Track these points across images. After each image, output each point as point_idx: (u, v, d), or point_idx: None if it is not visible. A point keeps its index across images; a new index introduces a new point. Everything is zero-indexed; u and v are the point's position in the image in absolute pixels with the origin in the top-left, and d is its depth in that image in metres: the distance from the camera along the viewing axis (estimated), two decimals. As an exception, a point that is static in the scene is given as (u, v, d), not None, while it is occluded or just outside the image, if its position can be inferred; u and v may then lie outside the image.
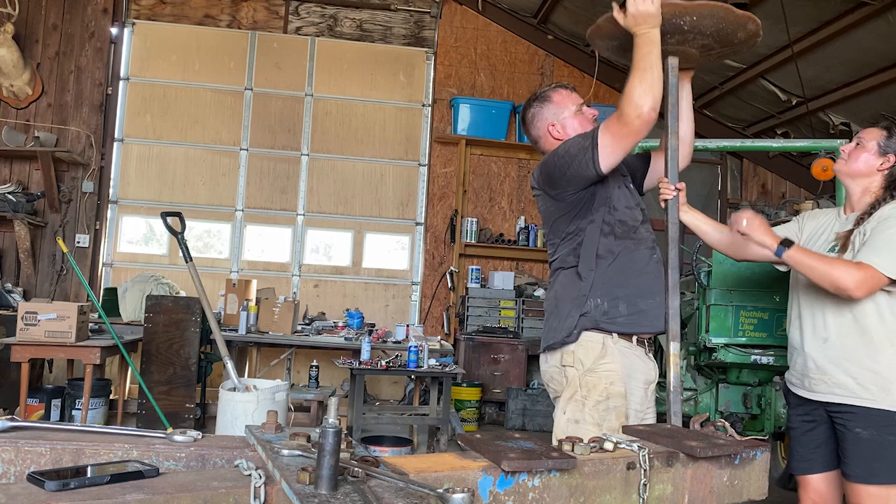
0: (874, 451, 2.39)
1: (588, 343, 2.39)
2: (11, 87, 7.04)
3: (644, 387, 2.46)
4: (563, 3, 7.13)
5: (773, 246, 2.48)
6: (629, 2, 2.27)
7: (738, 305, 3.96)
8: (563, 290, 2.47)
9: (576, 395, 2.38)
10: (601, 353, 2.38)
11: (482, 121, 7.63)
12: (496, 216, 7.88)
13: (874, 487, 2.39)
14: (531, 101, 2.64)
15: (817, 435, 2.60)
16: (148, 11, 7.61)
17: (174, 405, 5.41)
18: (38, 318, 4.86)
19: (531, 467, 1.48)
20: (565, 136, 2.53)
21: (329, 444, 1.22)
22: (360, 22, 7.89)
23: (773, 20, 5.51)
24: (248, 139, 7.69)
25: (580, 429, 2.31)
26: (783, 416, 4.25)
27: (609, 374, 2.36)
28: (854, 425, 2.43)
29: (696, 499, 1.70)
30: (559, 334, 2.43)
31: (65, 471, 1.32)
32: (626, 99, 2.23)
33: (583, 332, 2.39)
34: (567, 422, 2.37)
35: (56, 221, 7.19)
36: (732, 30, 2.36)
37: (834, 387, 2.49)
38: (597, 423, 2.33)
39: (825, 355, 2.52)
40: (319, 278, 7.74)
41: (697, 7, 2.29)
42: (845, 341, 2.48)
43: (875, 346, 2.43)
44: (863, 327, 2.45)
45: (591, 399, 2.35)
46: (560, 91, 2.60)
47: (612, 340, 2.39)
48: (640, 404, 2.45)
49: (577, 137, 2.41)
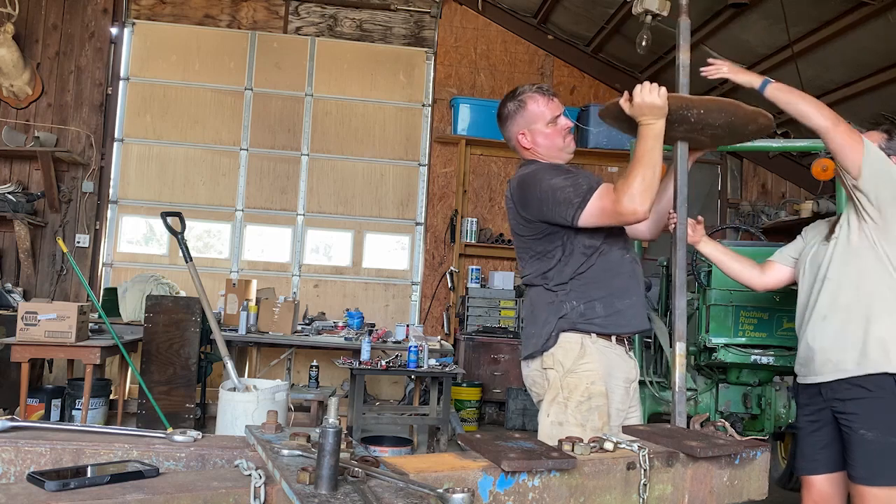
0: (878, 453, 2.40)
1: (567, 344, 2.40)
2: (11, 87, 7.04)
3: (625, 385, 2.47)
4: (563, 3, 7.12)
5: (758, 81, 2.55)
6: (635, 92, 2.27)
7: (738, 305, 3.96)
8: (539, 297, 2.49)
9: (558, 398, 2.39)
10: (580, 354, 2.39)
11: (482, 121, 7.62)
12: (496, 216, 7.88)
13: (878, 489, 2.40)
14: (507, 100, 2.59)
15: (823, 436, 2.60)
16: (148, 11, 7.61)
17: (174, 405, 5.41)
18: (38, 318, 4.86)
19: (531, 467, 1.48)
20: (534, 147, 2.52)
21: (329, 444, 1.22)
22: (360, 22, 7.89)
23: (773, 20, 5.51)
24: (248, 139, 7.69)
25: (564, 430, 2.32)
26: (783, 416, 4.25)
27: (589, 373, 2.38)
28: (858, 427, 2.44)
29: (696, 499, 1.70)
30: (539, 340, 2.44)
31: (65, 471, 1.32)
32: (627, 190, 2.21)
33: (561, 333, 2.40)
34: (551, 424, 2.38)
35: (56, 221, 7.19)
36: (743, 123, 2.32)
37: (836, 364, 2.52)
38: (580, 424, 2.34)
39: (824, 333, 2.56)
40: (319, 278, 7.74)
41: (705, 102, 2.26)
42: (843, 315, 2.52)
43: (874, 314, 2.46)
44: (855, 299, 2.50)
45: (573, 400, 2.37)
46: (537, 98, 2.52)
47: (590, 340, 2.40)
48: (622, 403, 2.46)
49: (570, 188, 2.32)
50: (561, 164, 2.52)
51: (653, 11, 4.07)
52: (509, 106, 2.56)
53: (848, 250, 2.54)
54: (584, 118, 7.74)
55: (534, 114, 2.51)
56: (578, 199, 2.29)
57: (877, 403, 2.42)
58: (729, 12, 5.56)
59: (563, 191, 2.32)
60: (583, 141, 7.78)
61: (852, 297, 2.51)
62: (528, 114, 2.52)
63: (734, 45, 6.11)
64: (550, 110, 2.51)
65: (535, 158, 2.54)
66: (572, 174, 2.40)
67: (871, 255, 2.49)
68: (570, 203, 2.30)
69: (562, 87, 7.99)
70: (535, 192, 2.39)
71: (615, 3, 6.50)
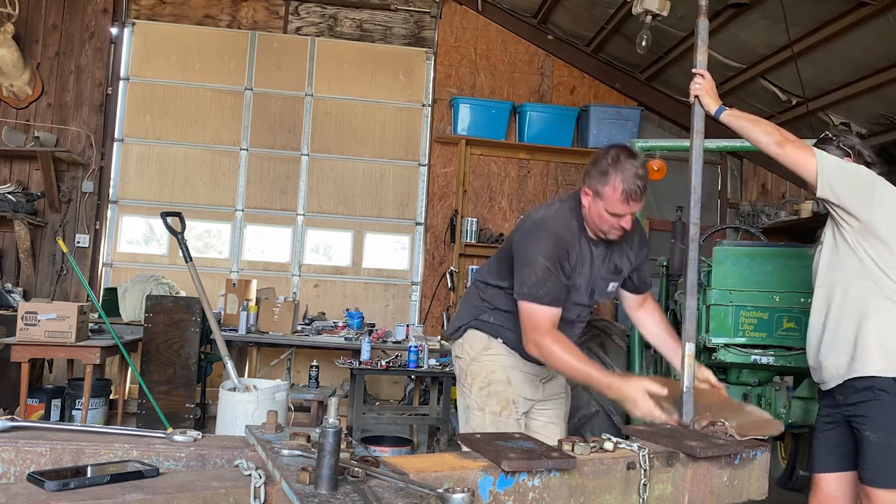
0: (881, 455, 2.43)
1: (473, 338, 2.68)
2: (11, 87, 7.03)
3: (531, 378, 2.66)
4: (563, 3, 7.12)
5: (714, 107, 2.50)
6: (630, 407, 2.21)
7: (738, 305, 3.96)
8: (473, 293, 2.77)
9: (464, 383, 2.68)
10: (485, 346, 2.64)
11: (482, 121, 7.62)
12: (496, 216, 7.88)
13: (883, 491, 2.42)
14: (609, 156, 2.47)
15: (834, 435, 2.62)
16: (148, 11, 7.60)
17: (174, 405, 5.41)
18: (38, 318, 4.85)
19: (531, 467, 1.48)
20: (585, 207, 2.52)
21: (329, 444, 1.22)
22: (360, 22, 7.89)
23: (773, 20, 5.51)
24: (248, 139, 7.69)
25: (470, 414, 2.61)
26: (783, 416, 4.24)
27: (491, 363, 2.62)
28: (865, 428, 2.47)
29: (696, 499, 1.70)
30: (453, 326, 2.77)
31: (65, 471, 1.32)
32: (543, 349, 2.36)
33: (469, 329, 2.69)
34: (461, 408, 2.69)
35: (56, 221, 7.19)
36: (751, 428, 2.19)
37: (835, 369, 2.55)
38: (480, 408, 2.60)
39: (823, 340, 2.60)
40: (319, 278, 7.74)
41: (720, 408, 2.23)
42: (835, 321, 2.55)
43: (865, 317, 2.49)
44: (845, 303, 2.53)
45: (476, 386, 2.63)
46: (618, 190, 2.41)
47: (497, 343, 2.65)
48: (532, 394, 2.68)
49: (536, 280, 2.42)
50: (567, 241, 2.52)
51: (653, 11, 4.08)
52: (603, 164, 2.46)
53: (832, 256, 2.58)
54: (584, 118, 7.75)
55: (605, 196, 2.45)
56: (525, 292, 2.43)
57: (880, 406, 2.44)
58: (729, 12, 5.56)
59: (530, 275, 2.44)
60: (583, 141, 7.79)
61: (842, 302, 2.54)
62: (603, 191, 2.45)
63: (734, 45, 6.11)
64: (617, 209, 2.44)
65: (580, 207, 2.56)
66: (553, 275, 2.45)
67: (854, 259, 2.52)
68: (521, 285, 2.45)
69: (562, 87, 7.99)
70: (521, 250, 2.52)
71: (615, 3, 6.50)
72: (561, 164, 7.95)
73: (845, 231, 2.53)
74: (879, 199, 2.48)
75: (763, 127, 2.54)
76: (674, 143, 5.34)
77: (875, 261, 2.49)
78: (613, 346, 4.37)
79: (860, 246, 2.50)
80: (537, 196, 7.94)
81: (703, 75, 2.49)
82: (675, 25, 6.12)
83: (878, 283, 2.49)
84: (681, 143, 4.65)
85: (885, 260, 2.48)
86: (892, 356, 2.44)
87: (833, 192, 2.47)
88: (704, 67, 2.47)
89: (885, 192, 2.50)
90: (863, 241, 2.50)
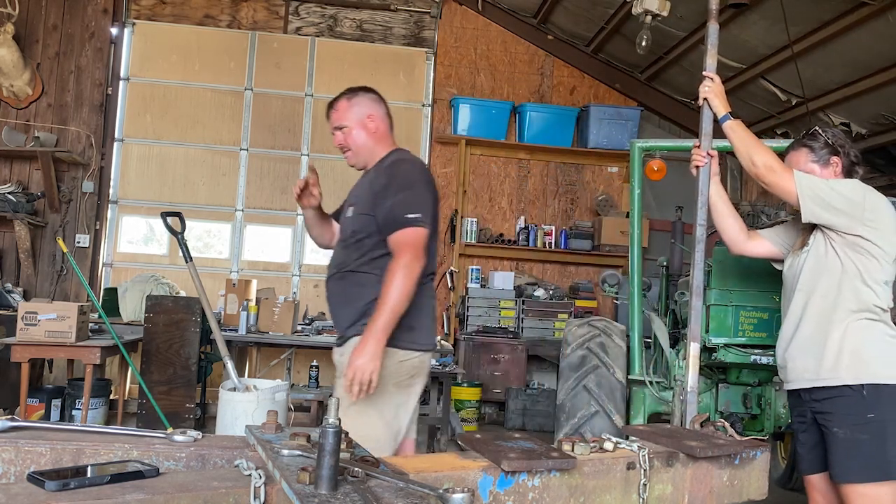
0: (848, 450, 2.45)
1: None
2: (11, 87, 7.04)
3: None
4: (563, 3, 7.12)
5: (721, 112, 2.64)
6: None
7: (738, 305, 3.96)
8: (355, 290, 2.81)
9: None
10: None
11: (482, 121, 7.62)
12: (496, 216, 7.88)
13: (854, 486, 2.44)
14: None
15: (810, 436, 2.65)
16: (148, 11, 7.60)
17: (174, 405, 5.41)
18: (38, 318, 4.85)
19: (531, 467, 1.48)
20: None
21: (329, 444, 1.22)
22: (360, 22, 7.89)
23: (773, 20, 5.51)
24: (248, 139, 7.69)
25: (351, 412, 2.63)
26: (783, 416, 4.24)
27: None
28: (833, 425, 2.49)
29: (696, 499, 1.71)
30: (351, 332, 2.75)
31: (65, 471, 1.32)
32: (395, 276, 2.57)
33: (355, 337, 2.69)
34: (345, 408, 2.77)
35: (56, 221, 7.19)
36: None
37: (802, 372, 2.59)
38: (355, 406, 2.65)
39: (795, 342, 2.63)
40: (319, 278, 7.73)
41: None
42: (812, 325, 2.57)
43: (834, 325, 2.52)
44: (822, 309, 2.55)
45: None
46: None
47: None
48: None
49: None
50: None
51: (653, 12, 4.06)
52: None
53: (818, 262, 2.60)
54: (584, 118, 7.75)
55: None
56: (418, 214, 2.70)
57: (845, 402, 2.48)
58: (729, 12, 5.55)
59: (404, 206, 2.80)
60: (583, 141, 7.79)
61: (819, 308, 2.56)
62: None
63: (734, 46, 6.10)
64: None
65: None
66: None
67: (839, 267, 2.54)
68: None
69: (562, 88, 8.00)
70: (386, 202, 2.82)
71: (615, 3, 6.50)
72: (561, 165, 7.95)
73: (835, 242, 2.56)
74: (870, 214, 2.51)
75: (755, 148, 2.62)
76: (674, 143, 5.35)
77: (861, 272, 2.52)
78: (613, 346, 4.37)
79: (847, 256, 2.54)
80: (537, 196, 7.94)
81: (713, 79, 2.51)
82: (675, 25, 6.12)
83: (858, 296, 2.51)
84: (681, 144, 4.64)
85: (870, 272, 2.51)
86: (861, 367, 2.47)
87: (818, 216, 2.54)
88: (714, 71, 2.48)
89: (875, 206, 2.52)
90: (850, 251, 2.53)
